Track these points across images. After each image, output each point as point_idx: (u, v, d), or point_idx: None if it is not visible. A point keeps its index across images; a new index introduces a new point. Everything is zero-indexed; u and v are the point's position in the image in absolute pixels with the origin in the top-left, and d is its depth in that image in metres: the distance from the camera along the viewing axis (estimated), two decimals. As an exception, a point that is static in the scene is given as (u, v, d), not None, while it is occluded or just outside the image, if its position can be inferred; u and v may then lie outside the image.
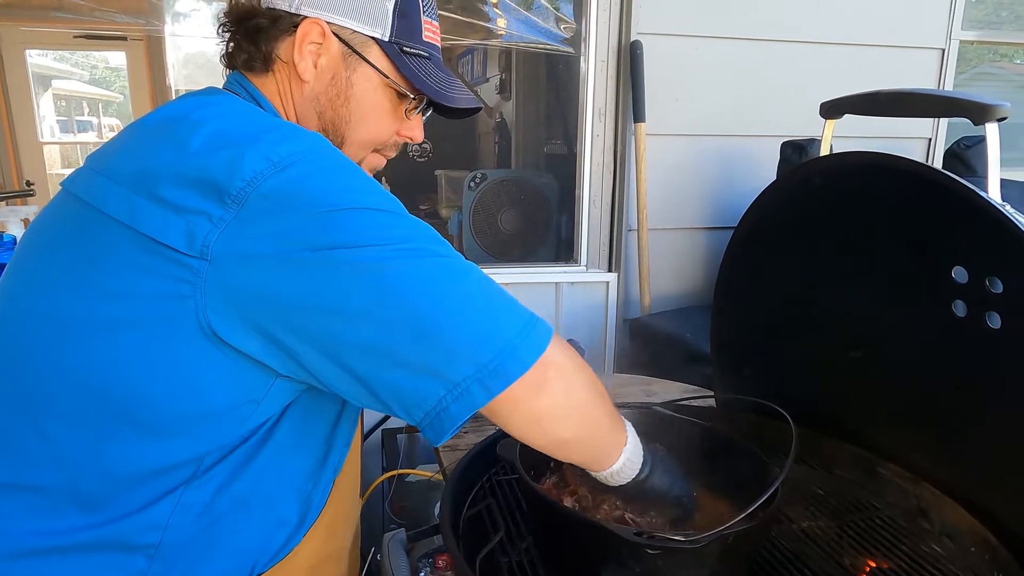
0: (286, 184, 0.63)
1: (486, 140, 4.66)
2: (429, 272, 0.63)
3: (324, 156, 0.67)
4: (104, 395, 0.66)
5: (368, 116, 0.85)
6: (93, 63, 9.09)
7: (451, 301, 0.63)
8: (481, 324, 0.63)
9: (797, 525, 0.95)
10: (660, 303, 2.49)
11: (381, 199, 0.66)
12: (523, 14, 2.46)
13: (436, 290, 0.62)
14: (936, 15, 2.56)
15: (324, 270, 0.61)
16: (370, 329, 0.61)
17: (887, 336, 1.00)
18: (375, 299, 0.61)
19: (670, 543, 0.67)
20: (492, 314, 0.64)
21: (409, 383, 0.62)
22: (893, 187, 0.90)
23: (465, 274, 0.65)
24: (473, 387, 0.62)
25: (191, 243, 0.62)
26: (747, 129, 2.48)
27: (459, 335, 0.62)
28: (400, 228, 0.64)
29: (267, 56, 0.82)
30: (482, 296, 0.65)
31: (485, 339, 0.62)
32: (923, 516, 0.95)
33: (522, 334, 0.64)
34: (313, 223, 0.61)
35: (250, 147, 0.64)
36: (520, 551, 0.85)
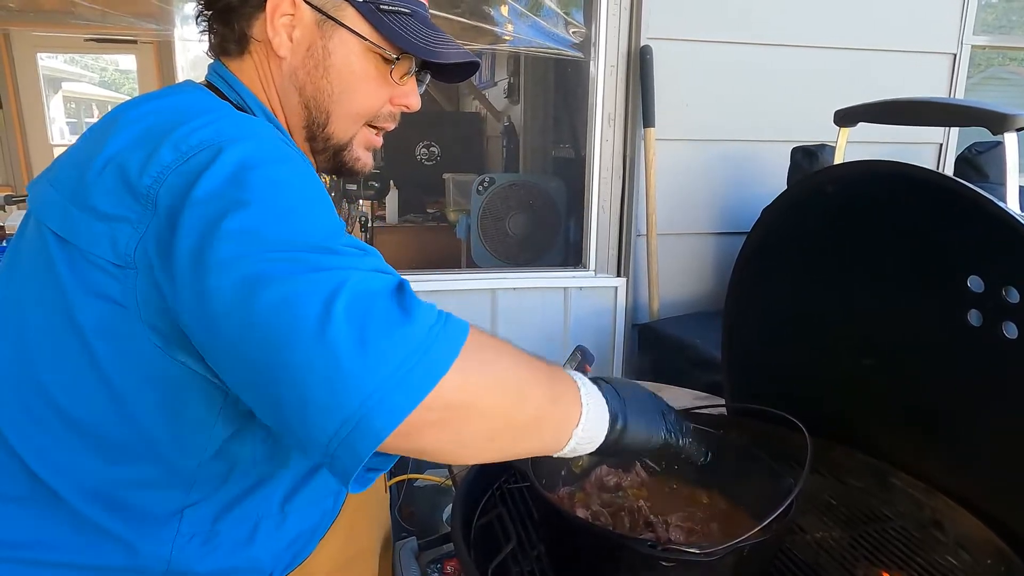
0: (185, 178, 0.58)
1: (494, 144, 4.66)
2: (283, 324, 0.51)
3: (234, 146, 0.60)
4: (77, 421, 0.64)
5: (352, 86, 0.79)
6: (103, 65, 9.16)
7: (293, 367, 0.51)
8: (325, 390, 0.50)
9: (810, 535, 0.94)
10: (669, 308, 2.48)
11: (283, 199, 0.58)
12: (532, 19, 2.46)
13: (282, 352, 0.51)
14: (948, 20, 2.55)
15: (200, 288, 0.54)
16: (241, 370, 0.55)
17: (900, 345, 0.99)
18: (239, 338, 0.53)
19: (684, 555, 0.66)
20: (344, 372, 0.50)
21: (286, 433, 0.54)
22: (908, 196, 0.90)
23: (323, 324, 0.50)
24: (339, 451, 0.50)
25: (116, 252, 0.60)
26: (757, 134, 2.47)
27: (301, 400, 0.51)
28: (286, 251, 0.54)
29: (241, 36, 0.78)
30: (338, 350, 0.50)
31: (329, 410, 0.50)
32: (937, 527, 0.94)
33: (389, 382, 0.50)
34: (199, 228, 0.56)
35: (165, 139, 0.60)
36: (532, 561, 0.85)
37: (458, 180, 3.93)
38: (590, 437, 0.67)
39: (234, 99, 0.77)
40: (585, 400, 0.67)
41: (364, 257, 0.57)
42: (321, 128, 0.80)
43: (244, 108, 0.76)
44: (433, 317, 0.55)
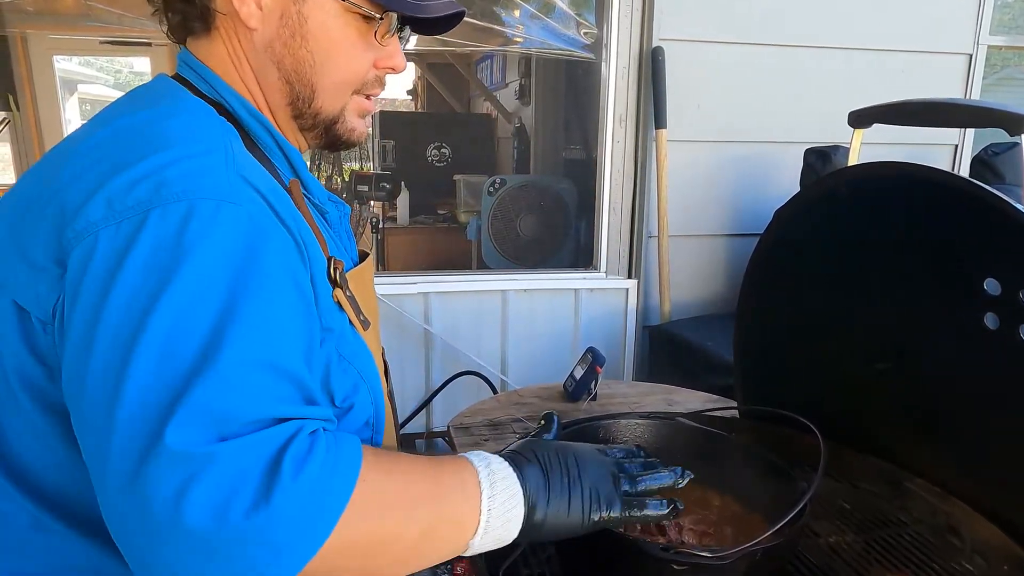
0: (103, 246, 0.53)
1: (505, 145, 4.67)
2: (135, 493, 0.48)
3: (166, 214, 0.54)
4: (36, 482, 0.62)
5: (333, 53, 0.71)
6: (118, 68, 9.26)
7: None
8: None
9: (824, 540, 0.93)
10: (680, 310, 2.47)
11: (196, 307, 0.52)
12: (544, 20, 2.46)
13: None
14: (964, 20, 2.53)
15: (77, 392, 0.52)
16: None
17: (915, 348, 0.98)
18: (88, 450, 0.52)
19: (696, 559, 0.66)
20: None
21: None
22: (923, 198, 0.89)
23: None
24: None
25: (39, 305, 0.56)
26: (770, 136, 2.46)
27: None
28: (173, 381, 0.50)
29: (203, 10, 0.70)
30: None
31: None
32: (953, 533, 0.93)
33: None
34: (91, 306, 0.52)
35: (101, 187, 0.55)
36: (543, 563, 0.84)
37: (469, 181, 3.94)
38: (495, 539, 0.61)
39: (207, 91, 0.71)
40: (485, 509, 0.60)
41: (251, 394, 0.51)
42: (307, 103, 0.73)
43: (219, 101, 0.71)
44: (301, 498, 0.49)
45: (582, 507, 0.64)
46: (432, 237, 4.05)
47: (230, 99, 0.71)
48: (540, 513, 0.62)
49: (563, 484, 0.64)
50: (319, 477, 0.50)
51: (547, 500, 0.62)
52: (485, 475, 0.61)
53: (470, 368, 2.25)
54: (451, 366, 2.30)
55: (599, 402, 1.56)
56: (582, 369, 1.63)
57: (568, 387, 1.66)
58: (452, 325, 2.33)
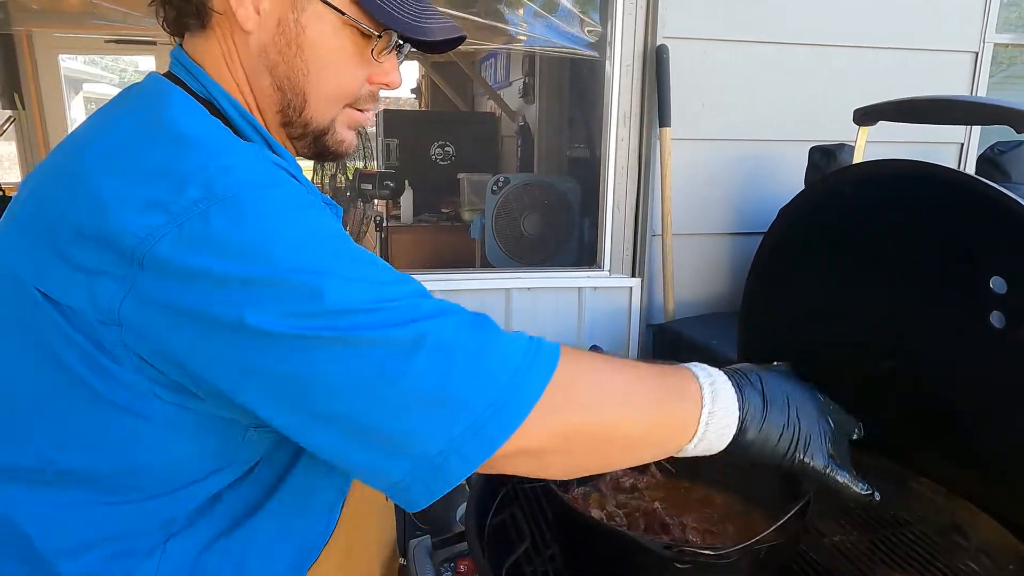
0: (185, 244, 0.55)
1: (509, 144, 4.66)
2: (360, 369, 0.54)
3: (232, 204, 0.56)
4: (63, 466, 0.63)
5: (329, 65, 0.71)
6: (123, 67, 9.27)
7: (393, 401, 0.54)
8: (436, 410, 0.54)
9: (828, 539, 0.93)
10: (684, 309, 2.47)
11: (309, 257, 0.56)
12: (548, 18, 2.46)
13: (373, 392, 0.54)
14: (970, 18, 2.51)
15: (250, 360, 0.55)
16: (301, 420, 0.56)
17: (920, 346, 0.98)
18: (300, 401, 0.55)
19: (699, 557, 0.66)
20: (452, 390, 0.55)
21: (363, 459, 0.57)
22: (929, 196, 0.88)
23: (412, 352, 0.55)
24: (449, 460, 0.55)
25: (96, 307, 0.57)
26: (774, 134, 2.45)
27: (410, 427, 0.55)
28: (321, 300, 0.54)
29: (199, 8, 0.69)
30: (437, 372, 0.55)
31: (446, 422, 0.54)
32: (958, 532, 0.92)
33: (502, 397, 0.55)
34: (229, 302, 0.54)
35: (151, 194, 0.56)
36: (546, 561, 0.84)
37: (472, 180, 3.93)
38: (702, 448, 0.65)
39: (199, 91, 0.71)
40: (704, 421, 0.64)
41: (418, 297, 0.58)
42: (298, 112, 0.73)
43: (210, 101, 0.71)
44: (524, 342, 0.59)
45: (790, 443, 0.67)
46: (436, 236, 4.04)
47: (220, 99, 0.71)
48: (751, 435, 0.65)
49: (779, 418, 0.67)
50: (531, 341, 0.61)
51: (759, 428, 0.66)
52: (708, 390, 0.65)
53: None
54: (455, 364, 2.29)
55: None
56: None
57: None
58: (456, 323, 2.33)
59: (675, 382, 0.65)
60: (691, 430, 0.63)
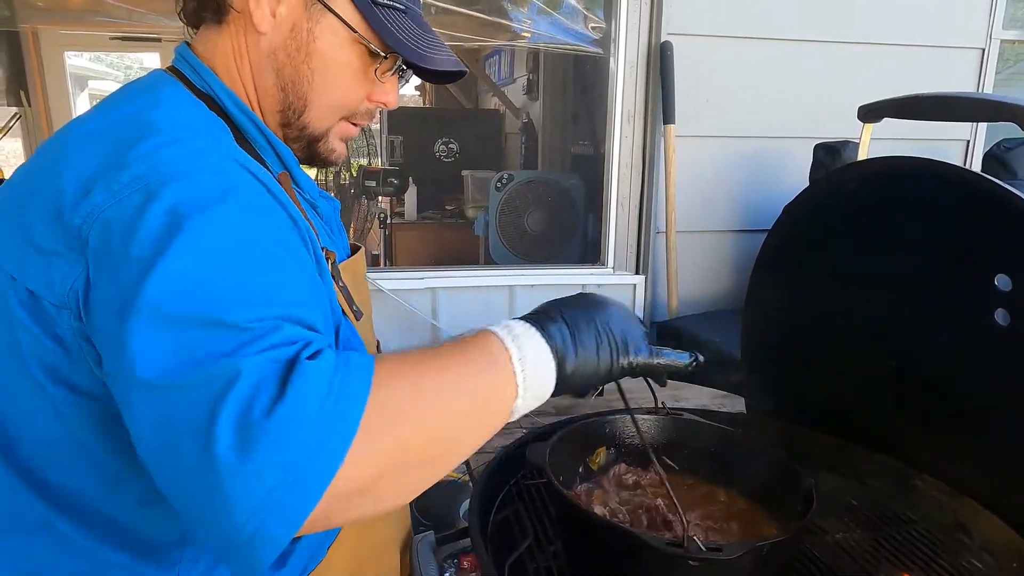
0: (113, 225, 0.55)
1: (513, 141, 4.66)
2: (172, 427, 0.50)
3: (168, 189, 0.56)
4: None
5: (333, 76, 0.74)
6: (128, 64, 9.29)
7: (183, 473, 0.50)
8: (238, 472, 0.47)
9: (831, 536, 0.93)
10: (688, 306, 2.47)
11: (204, 261, 0.54)
12: (552, 15, 2.45)
13: (173, 456, 0.50)
14: (977, 14, 2.50)
15: (116, 354, 0.54)
16: (141, 447, 0.53)
17: (924, 345, 0.97)
18: (136, 418, 0.53)
19: (703, 555, 0.66)
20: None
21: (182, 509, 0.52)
22: (934, 193, 0.88)
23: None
24: (239, 555, 0.49)
25: (52, 290, 0.58)
26: (779, 131, 2.45)
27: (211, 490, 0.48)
28: (189, 328, 0.52)
29: (219, 3, 0.72)
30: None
31: (219, 524, 0.49)
32: (961, 530, 0.92)
33: (308, 450, 0.48)
34: (118, 290, 0.54)
35: (102, 175, 0.57)
36: (548, 557, 0.84)
37: (476, 177, 3.93)
38: (533, 397, 0.63)
39: (200, 85, 0.72)
40: (519, 369, 0.61)
41: (270, 330, 0.53)
42: (297, 115, 0.75)
43: (210, 95, 0.72)
44: (323, 390, 0.50)
45: (611, 354, 0.67)
46: (440, 233, 4.05)
47: (220, 93, 0.73)
48: (571, 363, 0.64)
49: (589, 334, 0.66)
50: (337, 368, 0.52)
51: (575, 352, 0.64)
52: (512, 343, 0.62)
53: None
54: (458, 361, 2.30)
55: (605, 398, 1.56)
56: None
57: (575, 383, 1.65)
58: (459, 320, 2.33)
59: (479, 351, 0.62)
60: (511, 387, 0.61)
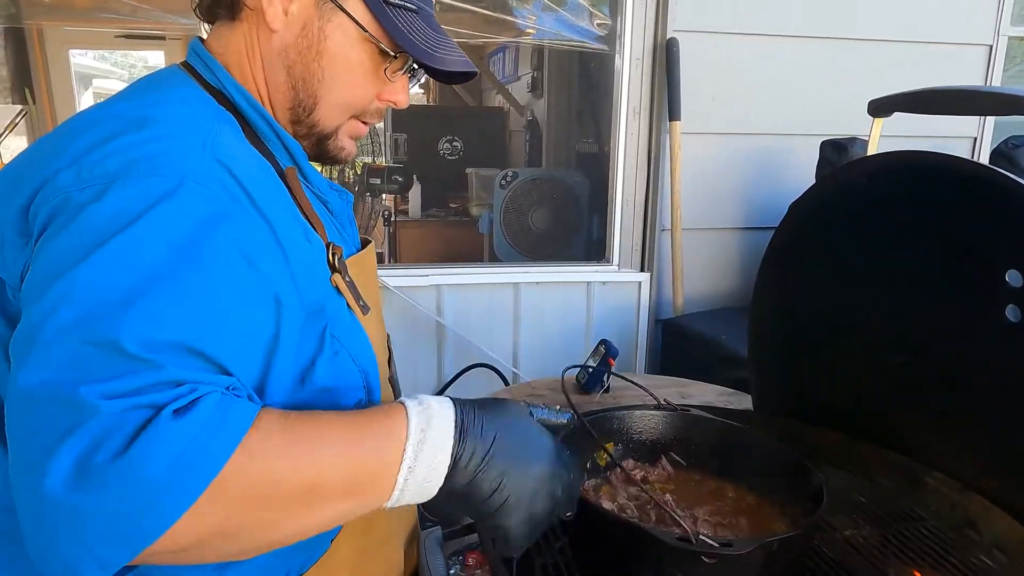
0: (66, 210, 0.55)
1: (517, 139, 4.66)
2: (25, 439, 0.50)
3: (124, 186, 0.56)
4: None
5: (343, 75, 0.75)
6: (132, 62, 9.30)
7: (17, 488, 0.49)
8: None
9: (839, 533, 0.92)
10: (693, 304, 2.46)
11: (126, 269, 0.53)
12: (557, 11, 2.45)
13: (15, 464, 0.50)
14: (984, 11, 2.49)
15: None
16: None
17: (934, 341, 0.97)
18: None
19: (715, 550, 0.65)
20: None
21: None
22: (945, 188, 0.87)
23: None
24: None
25: (6, 270, 0.59)
26: (785, 128, 2.44)
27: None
28: (83, 340, 0.51)
29: (233, 1, 0.73)
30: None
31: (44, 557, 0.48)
32: (971, 527, 0.92)
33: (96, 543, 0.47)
34: (44, 273, 0.54)
35: (77, 160, 0.58)
36: (555, 552, 0.84)
37: (481, 175, 3.93)
38: (425, 479, 0.59)
39: (211, 80, 0.74)
40: (406, 468, 0.58)
41: (156, 365, 0.51)
42: (307, 113, 0.76)
43: (221, 90, 0.73)
44: (169, 455, 0.48)
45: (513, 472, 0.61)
46: (444, 230, 4.04)
47: (231, 88, 0.73)
48: (466, 472, 0.60)
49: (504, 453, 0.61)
50: (199, 424, 0.49)
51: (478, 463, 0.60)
52: (414, 425, 0.59)
53: (482, 360, 2.25)
54: (463, 358, 2.30)
55: (612, 394, 1.56)
56: (595, 362, 1.63)
57: (581, 379, 1.65)
58: (464, 317, 2.33)
59: (376, 425, 0.59)
60: (388, 488, 0.58)
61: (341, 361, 0.71)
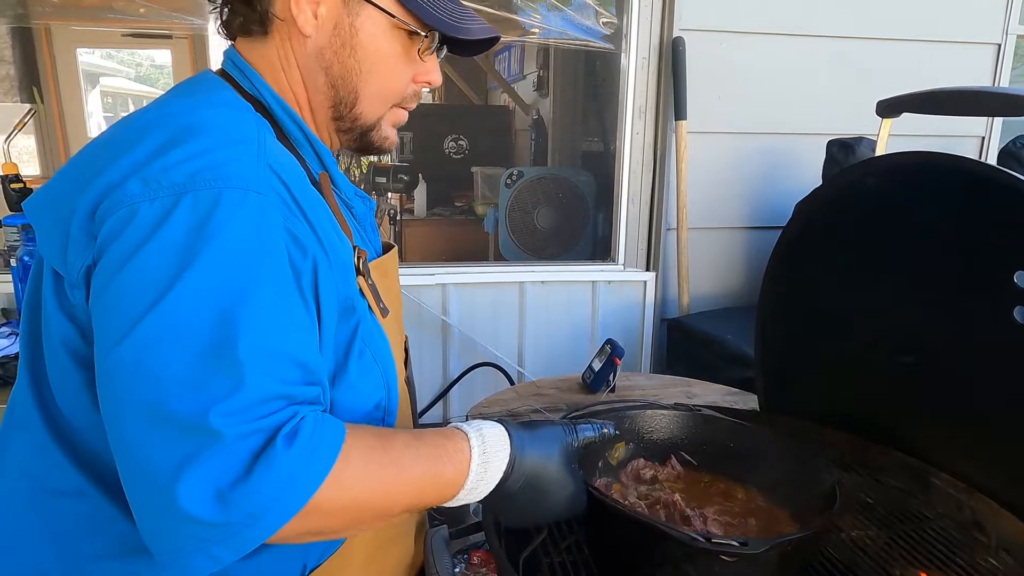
0: (136, 221, 0.58)
1: (523, 137, 4.65)
2: (140, 452, 0.55)
3: (197, 200, 0.59)
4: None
5: (379, 64, 0.77)
6: (138, 61, 9.33)
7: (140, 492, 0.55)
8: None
9: (846, 534, 0.92)
10: (699, 303, 2.46)
11: (215, 288, 0.57)
12: (563, 10, 2.45)
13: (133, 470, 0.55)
14: (992, 9, 2.48)
15: (104, 355, 0.58)
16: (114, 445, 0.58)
17: (942, 342, 0.97)
18: (108, 412, 0.58)
19: (734, 549, 0.65)
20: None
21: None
22: (953, 188, 0.87)
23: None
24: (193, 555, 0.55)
25: (67, 268, 0.61)
26: (791, 127, 2.43)
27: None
28: (187, 355, 0.55)
29: (264, 16, 0.75)
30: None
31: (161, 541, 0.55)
32: (978, 528, 0.91)
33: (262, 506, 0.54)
34: (133, 293, 0.56)
35: (142, 167, 0.60)
36: (562, 551, 0.84)
37: (486, 174, 3.93)
38: (481, 484, 0.69)
39: (248, 89, 0.76)
40: (477, 448, 0.68)
41: (262, 382, 0.56)
42: (349, 108, 0.79)
43: (258, 98, 0.76)
44: (284, 476, 0.55)
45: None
46: (449, 229, 4.05)
47: (267, 96, 0.76)
48: (510, 483, 0.70)
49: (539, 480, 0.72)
50: (307, 448, 0.56)
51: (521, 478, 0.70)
52: (479, 447, 0.68)
53: (487, 359, 2.26)
54: (468, 357, 2.30)
55: (617, 394, 1.56)
56: (600, 361, 1.63)
57: (587, 379, 1.65)
58: (470, 316, 2.34)
59: (439, 460, 0.67)
60: (455, 489, 0.68)
61: (365, 361, 0.74)
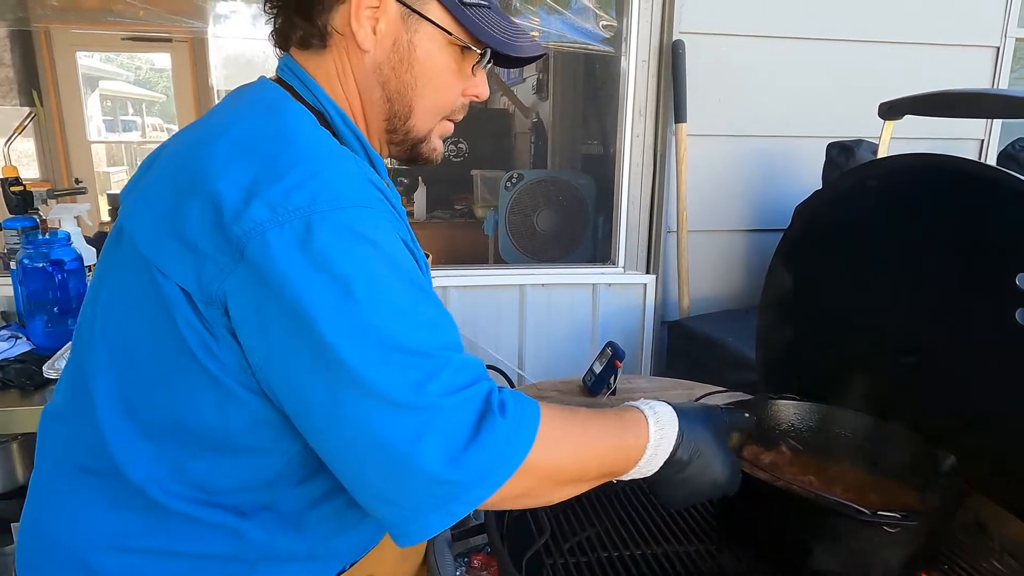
0: (280, 245, 0.61)
1: (522, 140, 4.66)
2: (367, 419, 0.61)
3: (330, 220, 0.62)
4: (177, 424, 0.69)
5: (434, 79, 0.80)
6: (138, 64, 9.33)
7: (377, 448, 0.61)
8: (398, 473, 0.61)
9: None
10: (699, 306, 2.46)
11: (381, 287, 0.62)
12: (562, 13, 2.45)
13: (373, 450, 0.61)
14: (991, 12, 2.48)
15: (295, 371, 0.62)
16: (326, 444, 0.64)
17: (943, 343, 0.97)
18: (328, 427, 0.62)
19: (895, 520, 0.70)
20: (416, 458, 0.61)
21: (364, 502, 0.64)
22: (955, 190, 0.87)
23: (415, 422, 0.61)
24: (428, 517, 0.62)
25: (200, 286, 0.63)
26: (791, 130, 2.43)
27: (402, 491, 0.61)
28: (383, 350, 0.61)
29: (323, 30, 0.77)
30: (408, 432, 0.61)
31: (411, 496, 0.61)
32: (982, 530, 0.91)
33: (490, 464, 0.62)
34: (301, 308, 0.60)
35: (263, 190, 0.62)
36: (564, 553, 0.84)
37: (486, 176, 3.93)
38: (655, 458, 0.75)
39: (308, 99, 0.77)
40: (653, 424, 0.75)
41: (447, 359, 0.63)
42: (403, 121, 0.81)
43: (318, 108, 0.77)
44: (504, 436, 0.62)
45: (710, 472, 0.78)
46: (449, 232, 4.04)
47: (329, 108, 0.78)
48: (680, 459, 0.76)
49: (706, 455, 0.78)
50: (516, 415, 0.64)
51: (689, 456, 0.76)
52: (653, 420, 0.75)
53: (487, 362, 2.26)
54: (469, 360, 2.29)
55: (619, 396, 1.56)
56: (601, 364, 1.63)
57: (587, 381, 1.65)
58: (470, 319, 2.33)
59: (625, 433, 0.75)
60: (634, 460, 0.74)
61: None
